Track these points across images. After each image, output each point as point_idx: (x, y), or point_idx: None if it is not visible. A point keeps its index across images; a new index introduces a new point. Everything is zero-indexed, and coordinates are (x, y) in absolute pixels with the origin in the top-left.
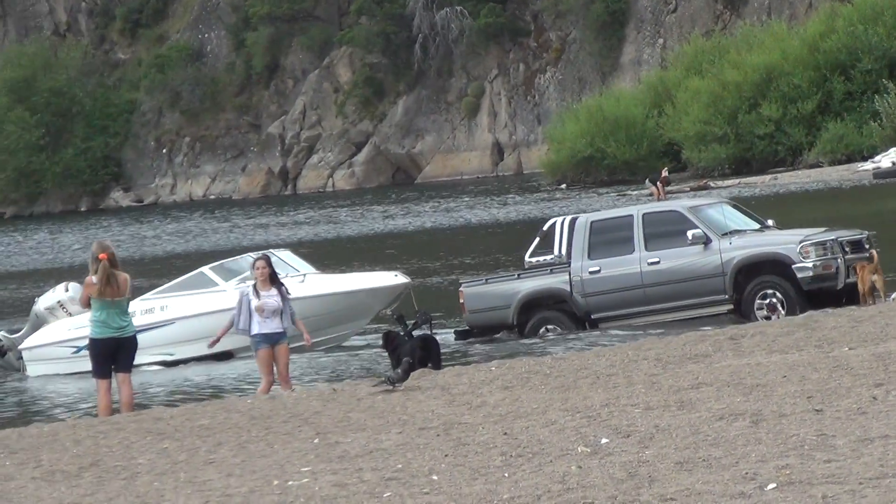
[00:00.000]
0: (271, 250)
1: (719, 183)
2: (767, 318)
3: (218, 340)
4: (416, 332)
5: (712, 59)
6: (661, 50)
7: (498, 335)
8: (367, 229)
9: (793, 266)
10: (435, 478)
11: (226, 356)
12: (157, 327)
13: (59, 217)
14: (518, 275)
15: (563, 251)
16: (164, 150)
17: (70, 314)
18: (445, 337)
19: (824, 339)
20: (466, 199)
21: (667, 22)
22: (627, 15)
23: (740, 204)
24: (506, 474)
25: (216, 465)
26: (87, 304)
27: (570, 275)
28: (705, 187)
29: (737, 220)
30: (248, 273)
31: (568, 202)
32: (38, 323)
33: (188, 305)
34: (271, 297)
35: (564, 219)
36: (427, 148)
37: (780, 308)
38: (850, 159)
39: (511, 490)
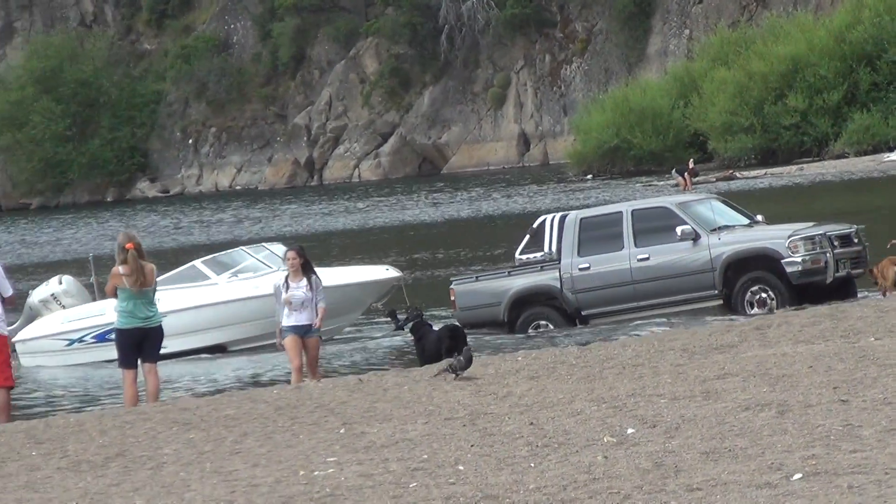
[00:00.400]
0: (263, 244)
1: (745, 173)
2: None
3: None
4: (406, 327)
5: (738, 50)
6: (687, 41)
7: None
8: (382, 220)
9: (782, 261)
10: (461, 468)
11: (219, 349)
12: None
13: (85, 207)
14: (508, 272)
15: (553, 248)
16: (191, 141)
17: (63, 307)
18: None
19: (850, 329)
20: (479, 190)
21: (693, 13)
22: (654, 6)
23: (732, 197)
24: (532, 464)
25: (242, 456)
26: (113, 294)
27: (560, 272)
28: (731, 178)
29: (726, 215)
30: (241, 265)
31: (594, 193)
32: (32, 315)
33: (180, 299)
34: (299, 289)
35: (554, 216)
36: (453, 139)
37: (770, 303)
38: (875, 150)
39: (537, 480)
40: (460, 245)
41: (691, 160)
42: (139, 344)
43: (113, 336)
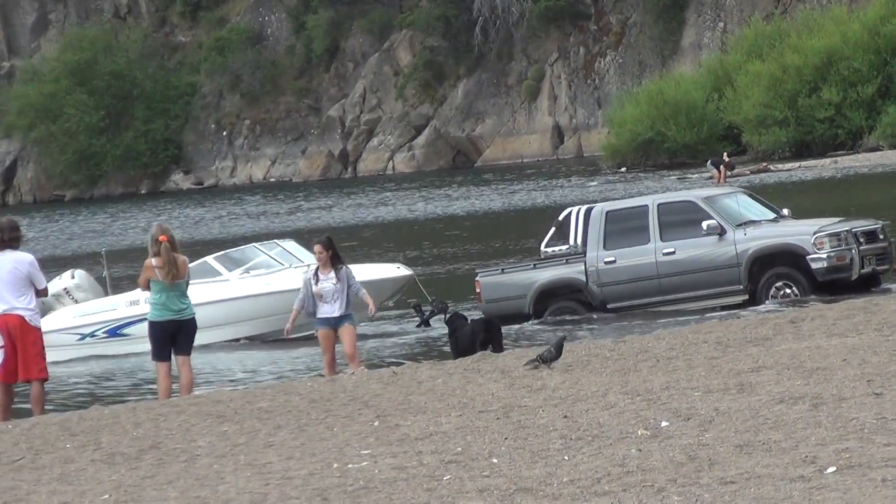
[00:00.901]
0: (276, 240)
1: (779, 166)
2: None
3: (293, 326)
4: (431, 320)
5: (773, 43)
6: (721, 34)
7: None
8: (412, 213)
9: (807, 257)
10: (495, 461)
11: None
12: None
13: (118, 200)
14: (534, 264)
15: (579, 241)
16: (225, 133)
17: (76, 301)
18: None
19: (884, 322)
20: (511, 182)
21: (727, 5)
22: None
23: (765, 190)
24: (565, 457)
25: (276, 448)
26: (146, 287)
27: (585, 265)
28: (765, 170)
29: (752, 209)
30: (253, 262)
31: (628, 185)
32: (44, 310)
33: (192, 295)
34: (328, 281)
35: (580, 209)
36: (487, 131)
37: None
38: None
39: (571, 473)
40: (490, 238)
41: (725, 153)
42: (172, 336)
43: (125, 331)
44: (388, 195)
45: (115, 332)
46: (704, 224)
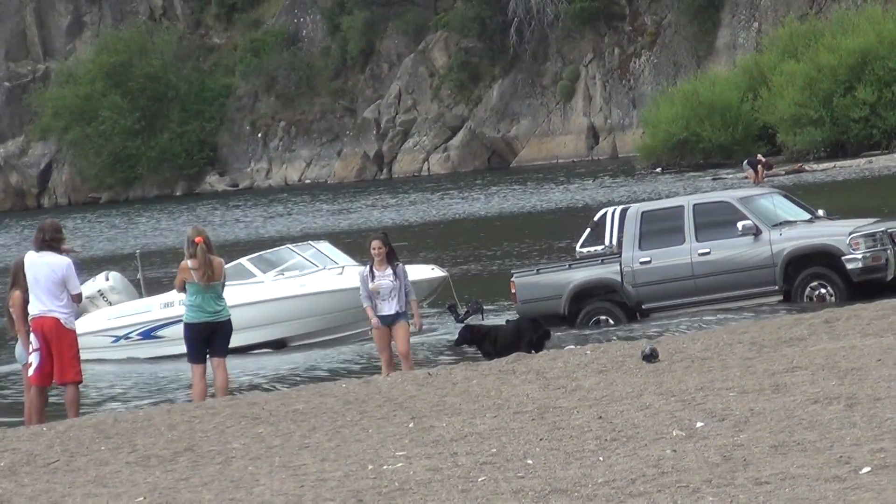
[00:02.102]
0: (310, 242)
1: (814, 166)
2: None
3: (377, 321)
4: (468, 321)
5: (808, 43)
6: (756, 34)
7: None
8: (448, 214)
9: (842, 258)
10: (530, 462)
11: (279, 345)
12: None
13: (154, 202)
14: (569, 265)
15: (614, 241)
16: (260, 135)
17: (110, 303)
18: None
19: None
20: (548, 182)
21: (762, 5)
22: None
23: (801, 190)
24: (601, 458)
25: (311, 450)
26: (182, 289)
27: (620, 265)
28: (800, 171)
29: (787, 210)
30: (287, 263)
31: (663, 185)
32: (79, 312)
33: (226, 297)
34: (385, 278)
35: (615, 209)
36: (522, 132)
37: (829, 299)
38: None
39: (606, 474)
40: (524, 238)
41: (759, 154)
42: (208, 338)
43: (159, 333)
44: (425, 195)
45: (148, 335)
46: (740, 224)
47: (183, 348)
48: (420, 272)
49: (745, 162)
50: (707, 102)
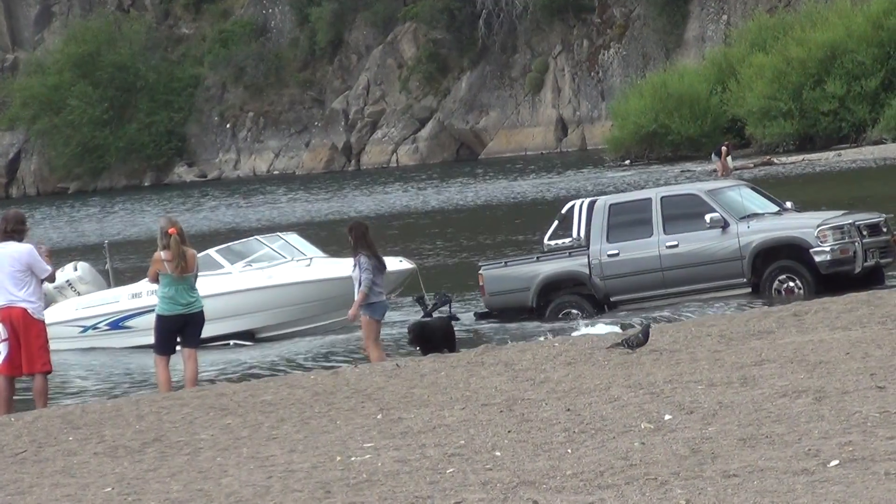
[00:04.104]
0: (278, 233)
1: (783, 159)
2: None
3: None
4: (435, 314)
5: (776, 36)
6: (724, 26)
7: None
8: (416, 205)
9: (810, 250)
10: (498, 454)
11: (248, 336)
12: None
13: (122, 192)
14: (537, 257)
15: (582, 234)
16: (228, 126)
17: (78, 293)
18: (467, 317)
19: (888, 315)
20: (515, 174)
21: None
22: None
23: (769, 183)
24: (569, 450)
25: (279, 441)
26: (154, 280)
27: (588, 258)
28: (769, 163)
29: (755, 202)
30: (255, 255)
31: (628, 177)
32: (47, 302)
33: None
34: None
35: (583, 201)
36: (491, 124)
37: (798, 292)
38: None
39: (574, 466)
40: (492, 230)
41: (724, 144)
42: (180, 330)
43: (127, 323)
44: (393, 186)
45: (117, 325)
46: (708, 217)
47: (146, 340)
48: (388, 264)
49: (713, 153)
50: (676, 95)
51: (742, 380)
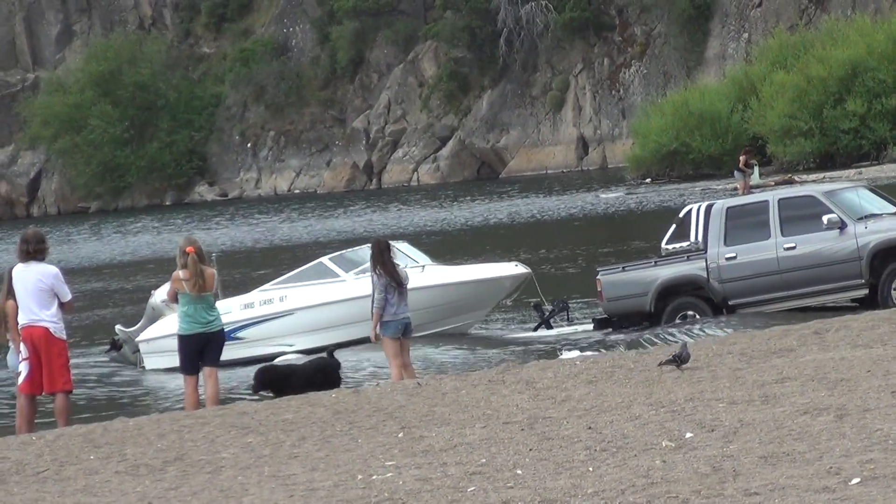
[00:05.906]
0: (390, 242)
1: (804, 177)
2: None
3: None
4: (552, 321)
5: (797, 54)
6: (745, 44)
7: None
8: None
9: None
10: (519, 472)
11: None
12: (276, 318)
13: (143, 211)
14: (655, 262)
15: (700, 238)
16: (249, 145)
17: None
18: (586, 326)
19: None
20: (542, 192)
21: (751, 16)
22: (712, 9)
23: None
24: (590, 468)
25: (300, 460)
26: (174, 299)
27: (706, 261)
28: (790, 182)
29: (873, 203)
30: (367, 264)
31: (647, 195)
32: (155, 315)
33: (308, 296)
34: None
35: (700, 205)
36: (512, 142)
37: None
38: None
39: (595, 484)
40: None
41: (742, 156)
42: (201, 349)
43: (239, 334)
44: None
45: (229, 336)
46: (825, 218)
47: (261, 350)
48: (502, 269)
49: (735, 170)
50: (697, 113)
51: (763, 397)
